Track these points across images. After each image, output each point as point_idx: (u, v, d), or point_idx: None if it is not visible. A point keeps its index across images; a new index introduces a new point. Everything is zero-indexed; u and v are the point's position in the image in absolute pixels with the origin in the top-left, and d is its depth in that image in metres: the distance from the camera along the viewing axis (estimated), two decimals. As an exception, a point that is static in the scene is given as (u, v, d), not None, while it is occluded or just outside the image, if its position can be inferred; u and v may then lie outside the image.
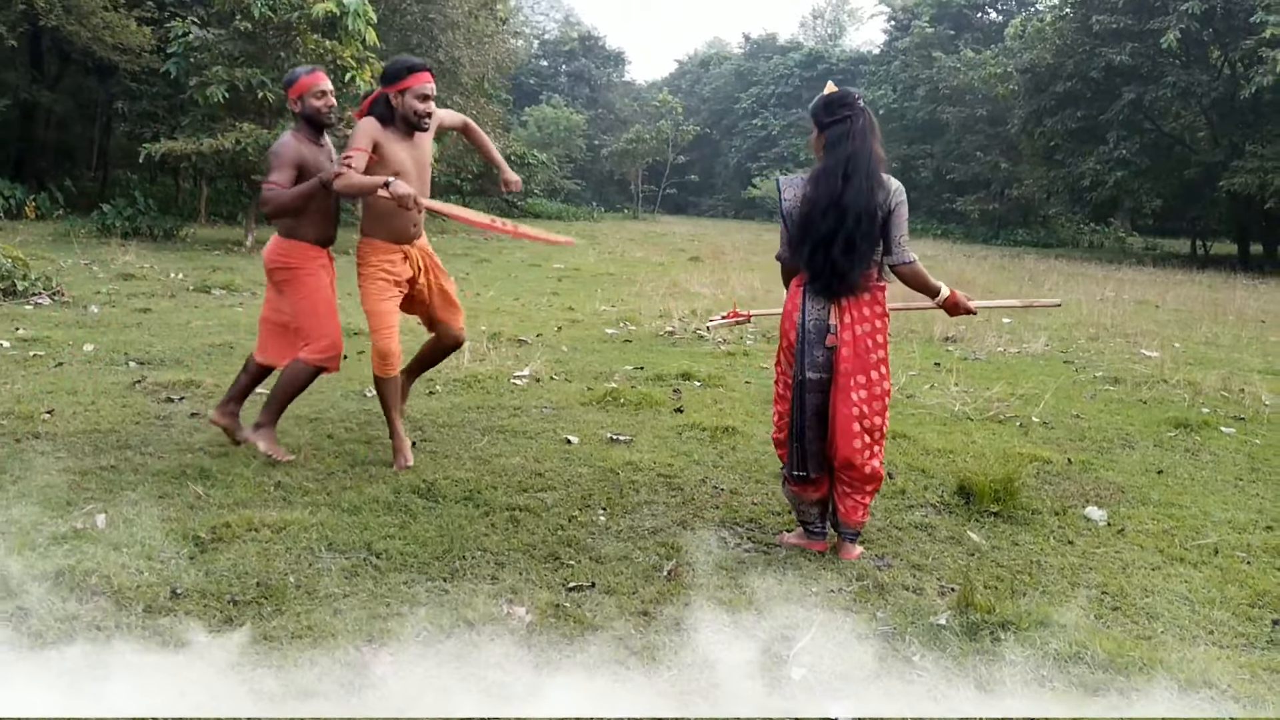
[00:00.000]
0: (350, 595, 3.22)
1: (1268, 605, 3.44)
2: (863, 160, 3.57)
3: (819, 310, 3.69)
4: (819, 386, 3.70)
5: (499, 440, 5.26)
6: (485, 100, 31.10)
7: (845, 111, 3.63)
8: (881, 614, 3.29)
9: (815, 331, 3.68)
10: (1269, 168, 23.69)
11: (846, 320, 3.65)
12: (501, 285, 13.45)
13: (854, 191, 3.54)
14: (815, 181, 3.63)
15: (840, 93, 3.69)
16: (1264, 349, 10.31)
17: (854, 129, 3.61)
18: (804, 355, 3.68)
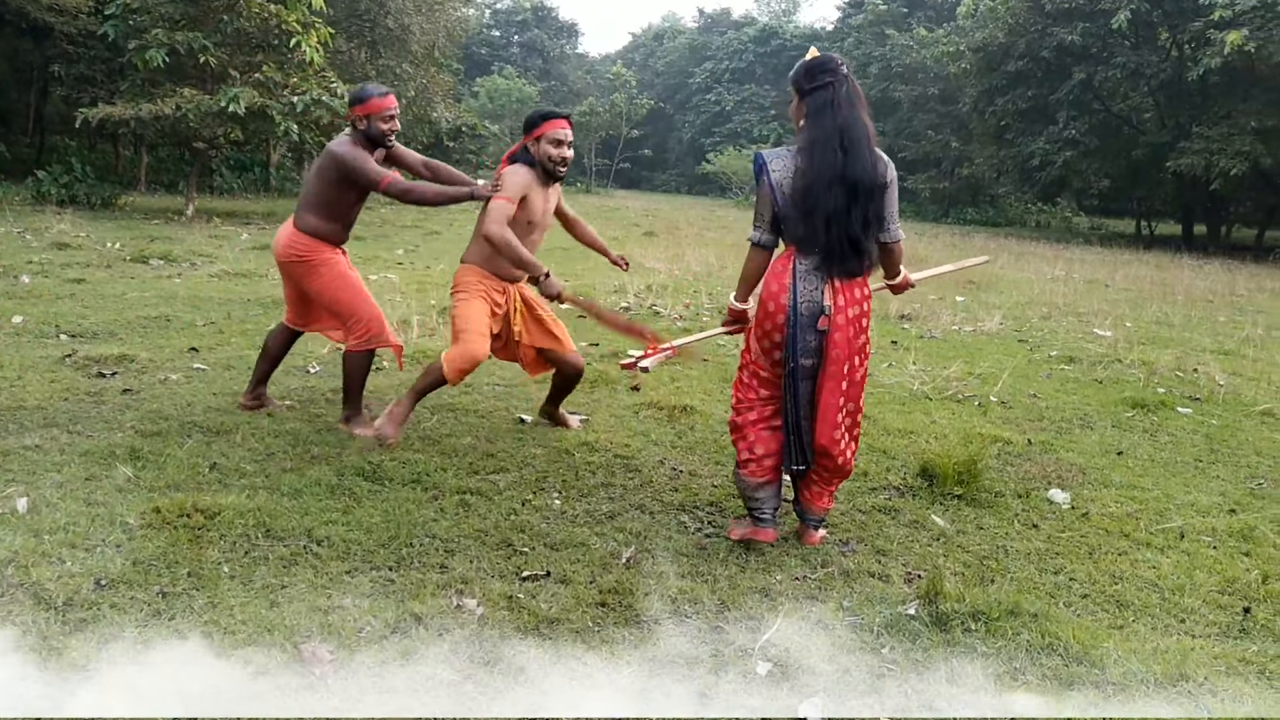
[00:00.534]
0: (288, 586, 3.02)
1: (1237, 593, 3.38)
2: (858, 131, 3.37)
3: (812, 291, 3.43)
4: (810, 373, 3.48)
5: (449, 419, 5.07)
6: (435, 70, 30.52)
7: (827, 78, 3.39)
8: (848, 603, 3.17)
9: (808, 314, 3.42)
10: (1215, 149, 24.00)
11: (840, 302, 3.43)
12: (452, 258, 13.13)
13: (859, 165, 3.34)
14: (809, 152, 3.38)
15: (823, 58, 3.45)
16: (1214, 328, 10.39)
17: (837, 96, 3.38)
18: (796, 340, 3.42)
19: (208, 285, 9.33)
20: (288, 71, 16.71)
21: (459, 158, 37.24)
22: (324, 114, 16.57)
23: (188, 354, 6.26)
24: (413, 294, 9.12)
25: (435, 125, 31.82)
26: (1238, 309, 12.44)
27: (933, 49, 37.91)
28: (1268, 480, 4.82)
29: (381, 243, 14.69)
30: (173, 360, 6.05)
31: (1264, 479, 4.85)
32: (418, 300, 8.58)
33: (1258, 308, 12.69)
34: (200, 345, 6.52)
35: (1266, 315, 11.68)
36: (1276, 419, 6.15)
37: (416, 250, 13.98)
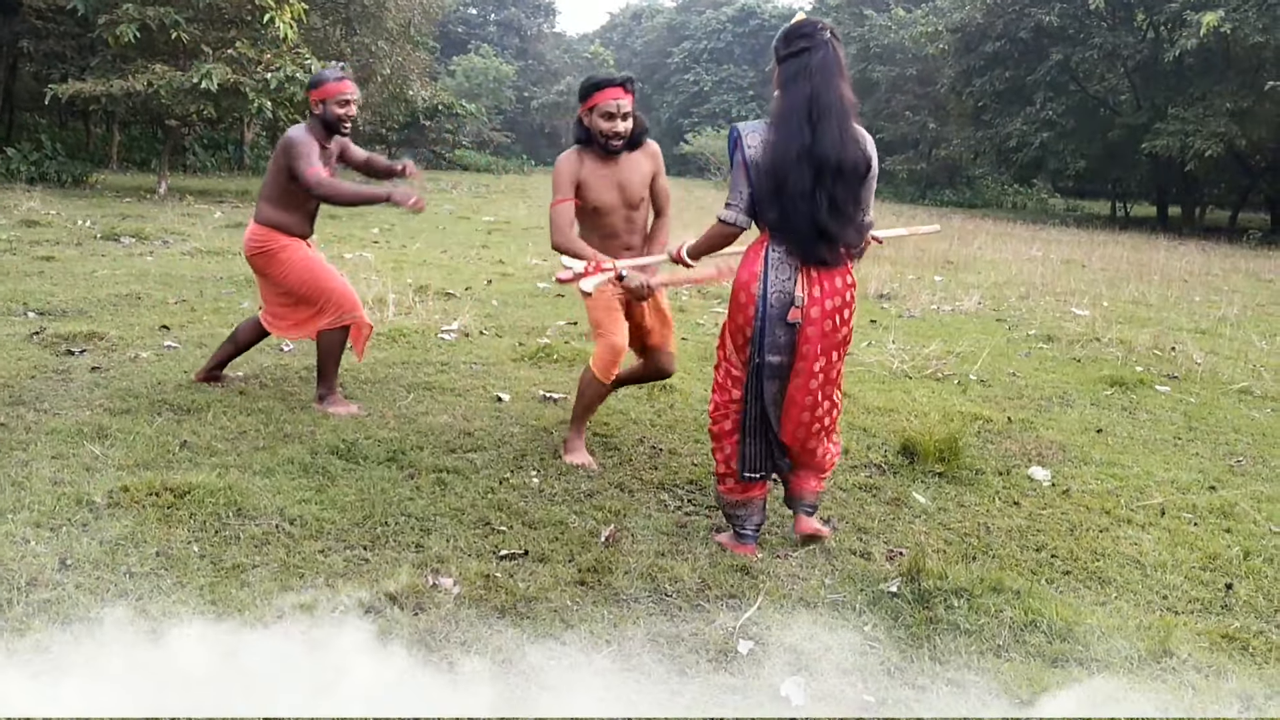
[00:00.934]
0: (260, 566, 2.96)
1: (1219, 569, 3.37)
2: (828, 102, 3.03)
3: (783, 281, 3.13)
4: (778, 371, 3.17)
5: (425, 397, 5.00)
6: (412, 47, 30.19)
7: (802, 43, 3.08)
8: (830, 581, 3.14)
9: (778, 306, 3.12)
10: (1190, 130, 24.07)
11: (815, 293, 3.12)
12: (429, 237, 13.05)
13: (827, 141, 3.01)
14: (777, 125, 3.08)
15: (803, 22, 3.15)
16: (1190, 308, 10.43)
17: (810, 64, 3.05)
18: (763, 334, 3.13)
19: (180, 263, 9.19)
20: (261, 48, 16.46)
21: (435, 136, 36.96)
22: (298, 91, 16.33)
23: (159, 332, 6.15)
24: (389, 273, 9.01)
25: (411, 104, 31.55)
26: (1213, 289, 12.50)
27: (911, 29, 37.81)
28: (1246, 457, 4.83)
29: (356, 221, 14.54)
30: (143, 338, 5.94)
31: (1243, 456, 4.85)
32: (394, 279, 8.48)
33: (1233, 288, 12.76)
34: (172, 323, 6.41)
35: (1242, 295, 11.74)
36: (1253, 397, 6.17)
37: (392, 229, 13.84)
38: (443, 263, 10.56)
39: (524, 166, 44.21)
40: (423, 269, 9.73)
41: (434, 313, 7.18)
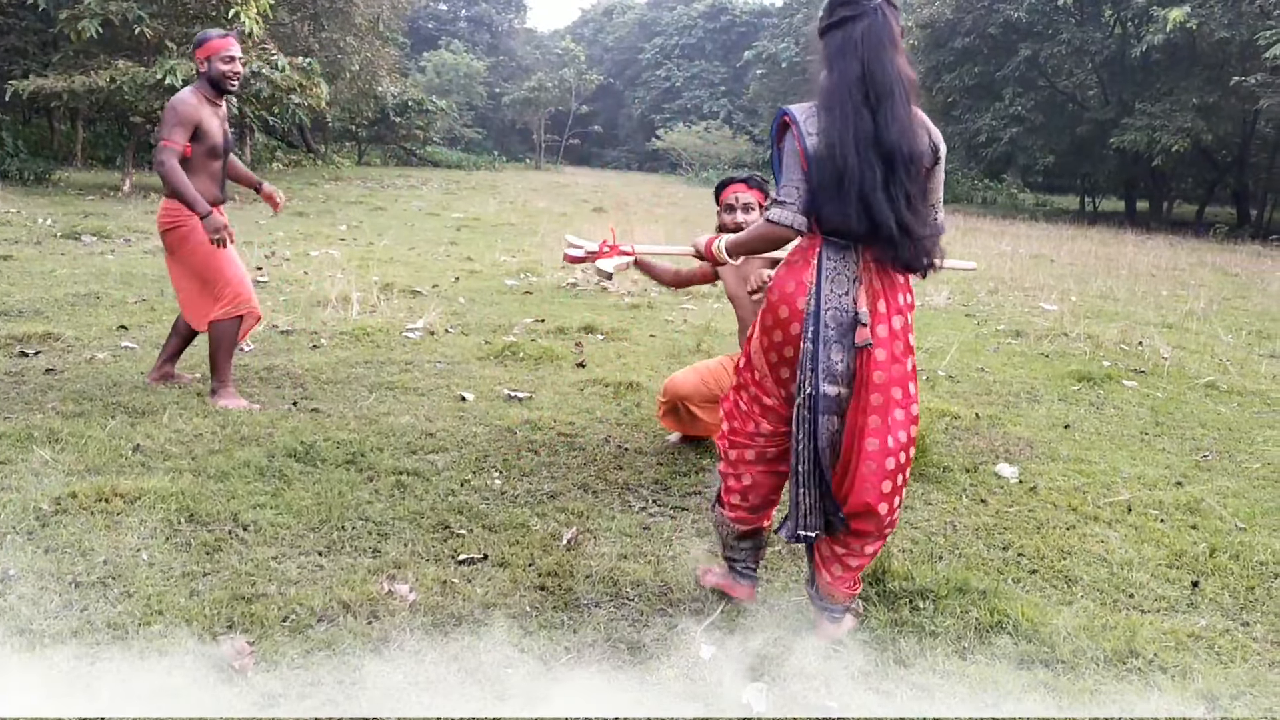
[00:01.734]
0: (211, 574, 2.88)
1: (1185, 566, 3.35)
2: (886, 81, 2.50)
3: (840, 295, 2.57)
4: (836, 406, 2.60)
5: (387, 398, 4.92)
6: (381, 43, 29.94)
7: (844, 11, 2.55)
8: (794, 583, 3.09)
9: (836, 326, 2.56)
10: (1157, 125, 24.27)
11: (880, 309, 2.56)
12: (396, 234, 12.92)
13: (894, 128, 2.49)
14: (829, 109, 2.53)
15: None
16: (1157, 302, 10.48)
17: (855, 34, 2.52)
18: (816, 359, 2.56)
19: (142, 262, 9.03)
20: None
21: (405, 133, 36.68)
22: (264, 87, 16.18)
23: (116, 332, 6.04)
24: (354, 270, 8.90)
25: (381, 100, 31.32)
26: (1180, 283, 12.58)
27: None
28: (1213, 452, 4.83)
29: (325, 219, 14.38)
30: (100, 339, 5.82)
31: (1209, 451, 4.85)
32: (359, 277, 8.37)
33: (1199, 282, 12.85)
34: (130, 323, 6.29)
35: (1208, 289, 11.82)
36: (1220, 391, 6.19)
37: (360, 226, 13.70)
38: (410, 260, 10.45)
39: (495, 163, 43.99)
40: (389, 266, 9.62)
41: (399, 311, 7.10)
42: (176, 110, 4.42)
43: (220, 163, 4.66)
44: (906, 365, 2.60)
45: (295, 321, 6.56)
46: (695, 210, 21.15)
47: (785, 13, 49.87)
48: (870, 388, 2.56)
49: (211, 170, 4.61)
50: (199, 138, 4.49)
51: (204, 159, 4.56)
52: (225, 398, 4.59)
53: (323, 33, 25.19)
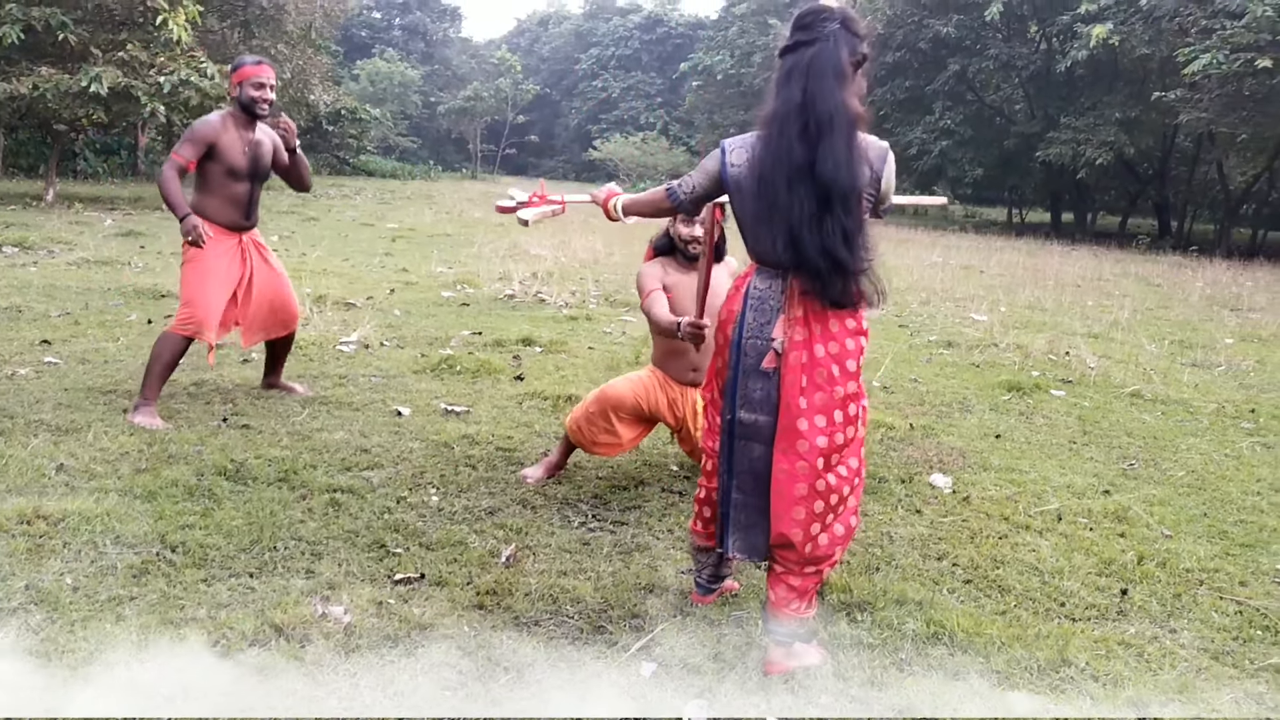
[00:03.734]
0: (138, 598, 2.79)
1: (1114, 574, 3.42)
2: (826, 113, 2.43)
3: (761, 325, 2.58)
4: (755, 433, 2.61)
5: (321, 413, 4.83)
6: (313, 51, 29.53)
7: (800, 35, 2.50)
8: (734, 597, 3.09)
9: (753, 354, 2.59)
10: (1081, 139, 24.93)
11: (798, 337, 2.54)
12: (330, 244, 12.75)
13: (831, 161, 2.43)
14: (764, 138, 2.53)
15: (805, 9, 2.55)
16: (1083, 312, 10.73)
17: (802, 61, 2.47)
18: (735, 386, 2.62)
19: (65, 274, 8.79)
20: (154, 51, 15.92)
21: (339, 142, 36.28)
22: (193, 95, 15.85)
23: (39, 347, 5.86)
24: (286, 282, 8.74)
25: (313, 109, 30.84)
26: (1105, 293, 12.90)
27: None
28: (1138, 461, 4.95)
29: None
30: (22, 354, 5.65)
31: (1135, 459, 4.97)
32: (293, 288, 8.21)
33: (1123, 292, 13.19)
34: (53, 337, 6.11)
35: (1131, 299, 12.13)
36: (1144, 400, 6.35)
37: (292, 236, 13.50)
38: (344, 271, 10.31)
39: (431, 172, 43.68)
40: (322, 278, 9.48)
41: (332, 324, 6.99)
42: (194, 128, 4.58)
43: (245, 186, 4.72)
44: (832, 393, 2.54)
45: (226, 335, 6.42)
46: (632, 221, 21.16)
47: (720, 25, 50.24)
48: (783, 414, 2.55)
49: (231, 192, 4.68)
50: (215, 157, 4.59)
51: (222, 179, 4.64)
52: (141, 414, 4.46)
53: (253, 40, 24.74)
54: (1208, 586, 3.35)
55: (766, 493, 2.61)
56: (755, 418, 2.59)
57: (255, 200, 4.82)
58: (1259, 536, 3.89)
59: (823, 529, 2.61)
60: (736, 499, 2.66)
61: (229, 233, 4.71)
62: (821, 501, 2.58)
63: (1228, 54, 19.29)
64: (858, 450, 2.67)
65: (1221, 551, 3.69)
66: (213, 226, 4.63)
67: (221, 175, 4.63)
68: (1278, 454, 5.17)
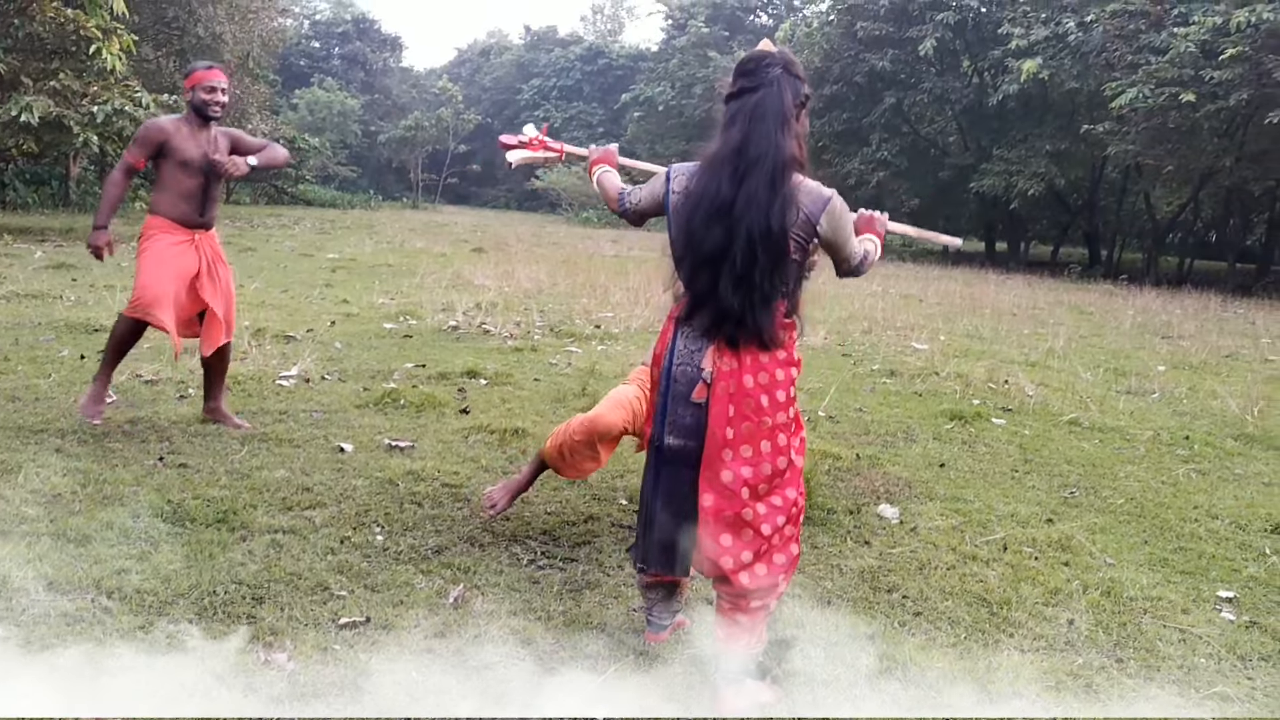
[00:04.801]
0: (71, 647, 2.69)
1: (1061, 604, 3.46)
2: (758, 154, 2.49)
3: (692, 353, 2.62)
4: (683, 457, 2.64)
5: (260, 450, 4.73)
6: (250, 80, 29.30)
7: (744, 82, 2.58)
8: (686, 635, 3.07)
9: (683, 382, 2.63)
10: (1013, 171, 25.52)
11: (727, 367, 2.57)
12: (268, 276, 12.56)
13: (749, 200, 2.47)
14: (700, 175, 2.60)
15: (749, 55, 2.65)
16: (1020, 340, 10.93)
17: (746, 106, 2.55)
18: (664, 411, 2.66)
19: (-8, 307, 8.54)
20: (87, 80, 15.64)
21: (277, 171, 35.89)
22: (127, 124, 15.58)
23: (-37, 384, 5.66)
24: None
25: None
26: (1040, 322, 13.16)
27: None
28: (1079, 489, 5.02)
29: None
30: (-55, 392, 5.46)
31: (1075, 487, 5.04)
32: (229, 322, 8.06)
33: (1057, 320, 13.46)
34: (-22, 374, 5.92)
35: (1066, 328, 12.38)
36: (1082, 428, 6.46)
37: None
38: (282, 303, 10.15)
39: (371, 201, 43.35)
40: (260, 310, 9.32)
41: (271, 357, 6.86)
42: (143, 128, 4.86)
43: (198, 181, 4.87)
44: (759, 423, 2.56)
45: (161, 371, 6.28)
46: (576, 251, 21.21)
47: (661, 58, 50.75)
48: (709, 443, 2.58)
49: (185, 188, 4.85)
50: (167, 154, 4.79)
51: (175, 173, 4.82)
52: (84, 400, 4.96)
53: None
54: (1151, 615, 3.40)
55: (691, 517, 2.64)
56: (684, 443, 2.64)
57: (211, 198, 4.97)
58: (1198, 564, 3.96)
59: (756, 559, 2.62)
60: (661, 519, 2.71)
61: (182, 228, 4.88)
62: (750, 531, 2.59)
63: (1153, 88, 19.91)
64: (795, 481, 2.68)
65: (1163, 579, 3.75)
66: (166, 221, 4.84)
67: (175, 169, 4.82)
68: (1213, 481, 5.29)
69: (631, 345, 8.75)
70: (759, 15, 50.89)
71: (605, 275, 14.52)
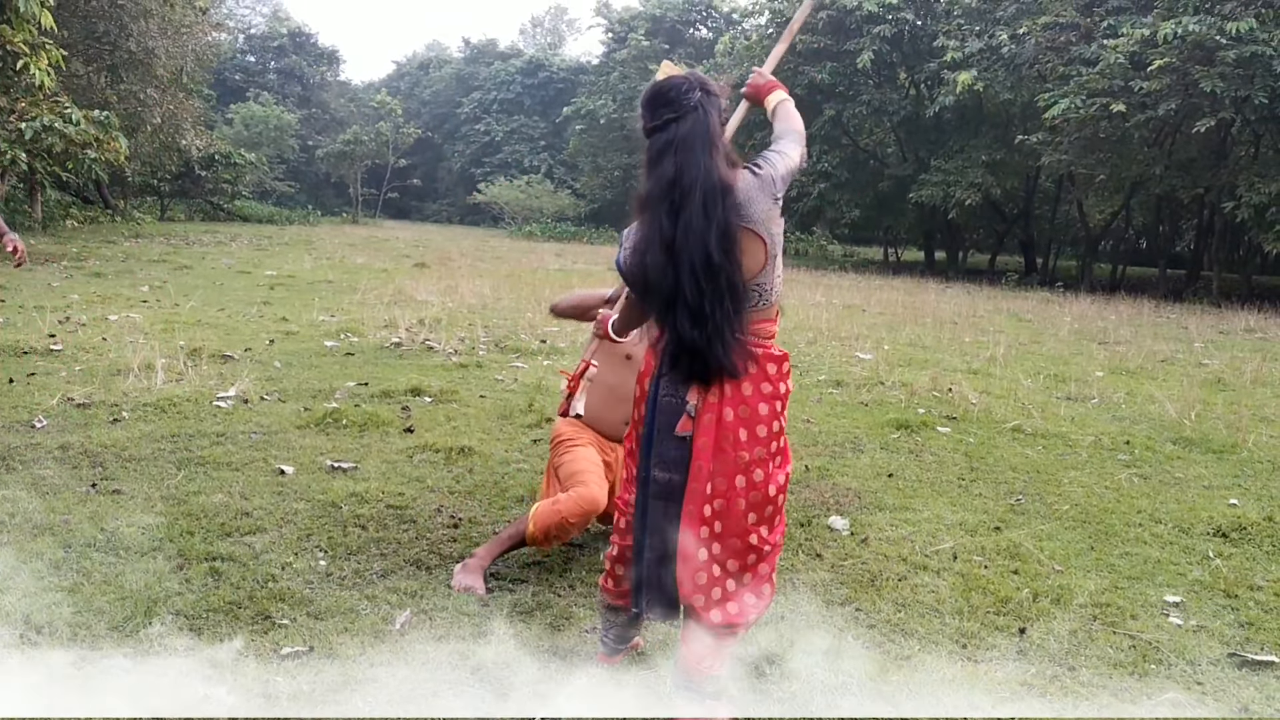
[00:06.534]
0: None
1: (1012, 613, 3.46)
2: (690, 183, 2.43)
3: (677, 384, 2.56)
4: (668, 492, 2.56)
5: (198, 474, 4.60)
6: (184, 95, 28.75)
7: (667, 113, 2.50)
8: (640, 655, 3.02)
9: (668, 414, 2.56)
10: (951, 181, 25.90)
11: (713, 399, 2.52)
12: (204, 294, 12.30)
13: (689, 233, 2.42)
14: (640, 219, 2.54)
15: (666, 84, 2.56)
16: (961, 349, 11.05)
17: (674, 137, 2.47)
18: (650, 444, 2.59)
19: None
20: (14, 96, 15.25)
21: (212, 187, 35.31)
22: (56, 141, 15.26)
23: (-118, 412, 5.45)
24: (158, 335, 8.39)
25: (185, 153, 30.00)
26: (980, 330, 13.32)
27: (694, 84, 39.12)
28: (1025, 495, 5.06)
29: (125, 279, 13.56)
30: None
31: (1021, 494, 5.08)
32: (163, 342, 7.89)
33: (997, 328, 13.64)
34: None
35: (1006, 335, 12.54)
36: (1025, 435, 6.52)
37: (164, 287, 12.96)
38: (219, 322, 9.94)
39: (310, 217, 42.78)
40: (197, 329, 9.11)
41: (209, 378, 6.70)
42: None
43: None
44: (737, 458, 2.51)
45: (93, 393, 6.10)
46: (520, 264, 21.10)
47: (601, 71, 50.90)
48: (692, 477, 2.52)
49: None
50: None
51: None
52: None
53: (121, 85, 24.00)
54: (1101, 622, 3.42)
55: (665, 553, 2.56)
56: (670, 477, 2.55)
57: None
58: (1144, 569, 4.00)
59: (726, 597, 2.57)
60: (649, 558, 2.58)
61: None
62: (718, 567, 2.55)
63: (1084, 99, 20.32)
64: (774, 519, 2.62)
65: (1111, 585, 3.78)
66: None
67: None
68: (1154, 485, 5.37)
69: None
70: (699, 28, 51.25)
71: (550, 289, 14.44)
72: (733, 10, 49.15)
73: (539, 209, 47.16)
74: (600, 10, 52.92)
